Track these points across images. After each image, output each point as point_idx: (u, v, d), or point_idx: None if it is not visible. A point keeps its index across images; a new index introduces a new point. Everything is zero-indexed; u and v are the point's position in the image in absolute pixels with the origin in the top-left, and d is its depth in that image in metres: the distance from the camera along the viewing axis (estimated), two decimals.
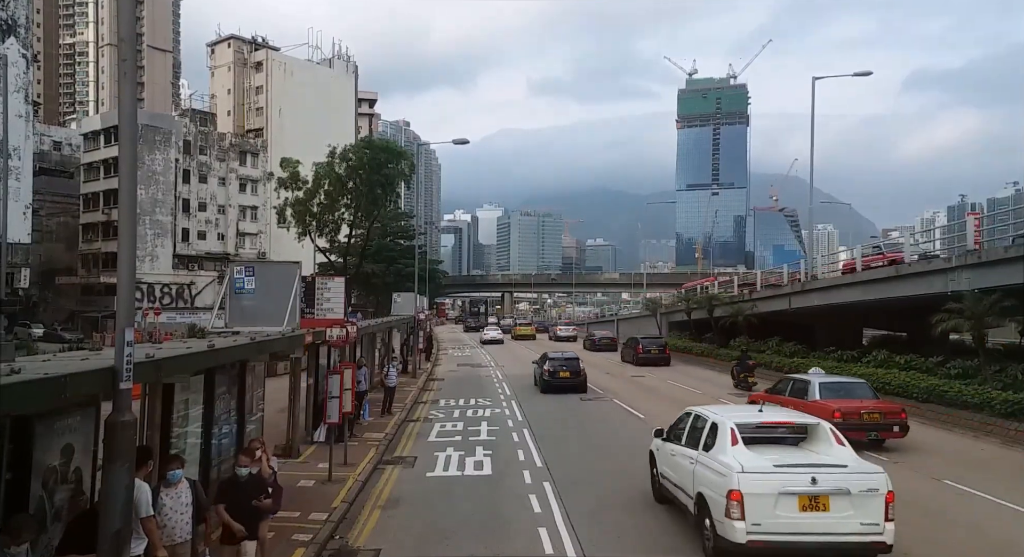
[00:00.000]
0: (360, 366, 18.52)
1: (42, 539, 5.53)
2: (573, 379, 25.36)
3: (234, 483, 7.66)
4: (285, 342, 11.83)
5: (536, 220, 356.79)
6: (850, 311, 28.11)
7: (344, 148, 41.23)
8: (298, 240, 43.38)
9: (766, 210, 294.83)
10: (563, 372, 25.44)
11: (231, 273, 13.31)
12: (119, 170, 6.22)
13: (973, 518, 10.36)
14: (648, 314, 53.84)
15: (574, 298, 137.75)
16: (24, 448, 5.43)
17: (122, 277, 5.90)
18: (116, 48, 22.08)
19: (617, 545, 9.19)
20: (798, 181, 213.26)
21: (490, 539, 9.40)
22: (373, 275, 57.12)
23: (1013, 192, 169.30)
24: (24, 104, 44.58)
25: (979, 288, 19.17)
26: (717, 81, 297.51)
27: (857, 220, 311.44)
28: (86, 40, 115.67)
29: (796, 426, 9.54)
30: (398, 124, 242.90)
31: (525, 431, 17.40)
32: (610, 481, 12.43)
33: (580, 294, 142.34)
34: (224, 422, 9.79)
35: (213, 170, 71.51)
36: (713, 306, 37.44)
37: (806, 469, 7.93)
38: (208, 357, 8.20)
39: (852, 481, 7.86)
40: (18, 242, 44.93)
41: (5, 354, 7.71)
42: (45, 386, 4.95)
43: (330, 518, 10.09)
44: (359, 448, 14.97)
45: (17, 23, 43.24)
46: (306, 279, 16.04)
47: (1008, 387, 17.66)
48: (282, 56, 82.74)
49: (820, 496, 7.73)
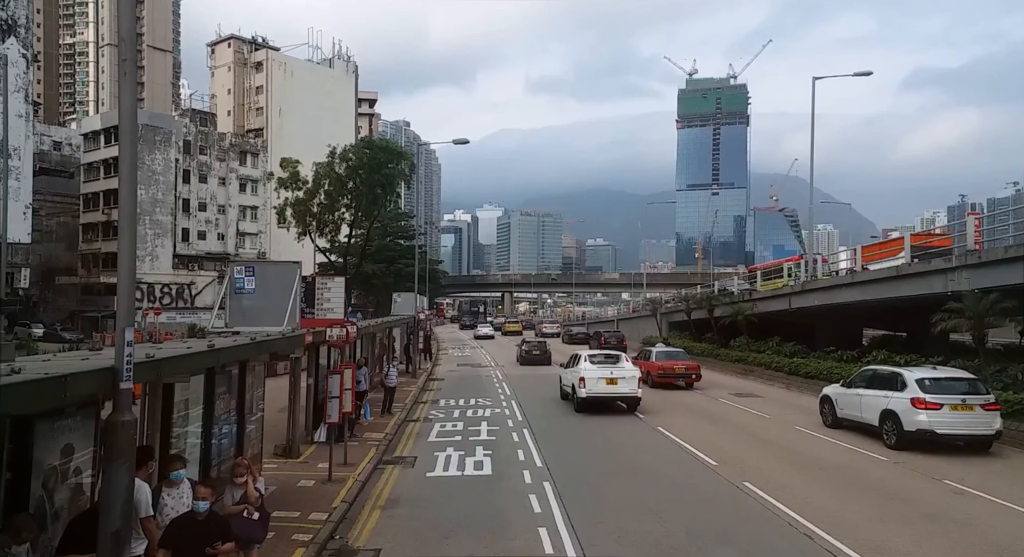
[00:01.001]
0: (360, 366, 18.52)
1: (42, 539, 5.52)
2: (541, 356, 36.80)
3: (188, 522, 6.24)
4: (285, 342, 11.82)
5: (536, 220, 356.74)
6: (850, 311, 28.11)
7: (344, 148, 41.24)
8: (298, 240, 43.39)
9: (766, 210, 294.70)
10: (535, 351, 37.24)
11: (231, 273, 13.30)
12: (119, 170, 6.23)
13: (972, 518, 10.36)
14: (648, 314, 53.85)
15: (574, 298, 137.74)
16: (24, 448, 5.43)
17: (122, 277, 5.90)
18: (116, 48, 22.10)
19: (617, 545, 9.19)
20: (798, 181, 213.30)
21: (490, 539, 9.40)
22: (373, 275, 57.11)
23: (1013, 192, 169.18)
24: (24, 104, 44.56)
25: (979, 288, 19.18)
26: (717, 81, 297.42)
27: (857, 220, 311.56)
28: (86, 40, 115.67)
29: (613, 356, 22.53)
30: (398, 124, 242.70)
31: (525, 431, 17.41)
32: (609, 480, 12.44)
33: (580, 294, 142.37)
34: (224, 422, 9.78)
35: (213, 170, 71.52)
36: (713, 306, 37.44)
37: (611, 369, 20.66)
38: (208, 357, 8.18)
39: (625, 374, 20.37)
40: (18, 242, 44.92)
41: (5, 354, 7.69)
42: (45, 386, 4.94)
43: (330, 518, 10.09)
44: (359, 448, 14.98)
45: (17, 23, 43.22)
46: (306, 279, 16.02)
47: (1008, 387, 17.67)
48: (282, 56, 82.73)
49: (614, 377, 20.22)
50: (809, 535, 9.43)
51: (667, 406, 21.82)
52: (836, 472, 13.18)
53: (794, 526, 9.83)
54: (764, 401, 22.98)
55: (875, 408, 15.96)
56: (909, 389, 15.11)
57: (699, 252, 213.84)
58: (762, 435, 17.05)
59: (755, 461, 14.04)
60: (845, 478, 12.69)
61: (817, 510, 10.50)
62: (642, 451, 15.20)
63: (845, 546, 8.94)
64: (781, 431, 17.59)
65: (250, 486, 7.49)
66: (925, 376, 15.39)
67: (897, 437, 15.08)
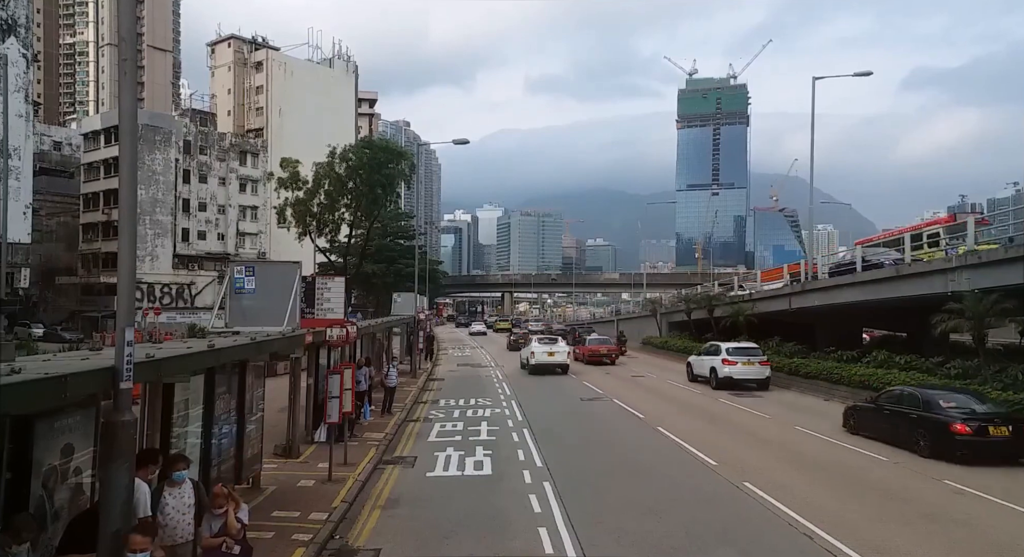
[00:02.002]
0: (361, 366, 18.51)
1: (43, 538, 5.52)
2: (524, 343, 40.83)
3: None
4: (285, 342, 11.83)
5: (536, 220, 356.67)
6: (850, 311, 28.10)
7: (344, 148, 41.21)
8: (298, 240, 43.38)
9: (766, 210, 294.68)
10: (520, 341, 44.93)
11: (231, 273, 13.31)
12: (119, 170, 6.23)
13: (972, 518, 10.36)
14: (648, 314, 53.83)
15: (574, 298, 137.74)
16: (24, 448, 5.43)
17: (122, 277, 5.91)
18: (116, 48, 22.09)
19: (617, 545, 9.19)
20: (798, 181, 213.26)
21: (490, 539, 9.40)
22: (373, 275, 57.11)
23: (1013, 192, 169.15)
24: (24, 104, 44.51)
25: (979, 288, 19.16)
26: (717, 81, 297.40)
27: (857, 220, 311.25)
28: (86, 40, 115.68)
29: (553, 339, 34.92)
30: (398, 124, 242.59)
31: (525, 431, 17.41)
32: (609, 479, 12.44)
33: (580, 294, 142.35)
34: (224, 422, 9.78)
35: (213, 170, 71.52)
36: (713, 306, 37.42)
37: (550, 347, 32.17)
38: (208, 357, 8.19)
39: (560, 350, 32.08)
40: (18, 242, 44.87)
41: (5, 354, 7.70)
42: (46, 386, 4.95)
43: (330, 518, 10.09)
44: (359, 448, 14.98)
45: (17, 23, 43.20)
46: (306, 279, 16.05)
47: (1008, 387, 17.65)
48: (282, 56, 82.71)
49: (552, 352, 31.64)
50: (809, 535, 9.43)
51: (667, 406, 21.84)
52: (836, 472, 13.18)
53: (794, 526, 9.83)
54: (764, 401, 22.98)
55: (707, 366, 27.14)
56: (722, 354, 26.24)
57: (699, 252, 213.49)
58: (762, 435, 17.05)
59: (755, 461, 14.04)
60: (845, 478, 12.70)
61: (817, 510, 10.50)
62: (642, 451, 15.21)
63: (845, 546, 8.95)
64: (781, 431, 17.59)
65: (231, 516, 6.78)
66: (730, 346, 26.78)
67: (716, 381, 26.06)
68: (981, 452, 13.60)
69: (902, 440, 15.17)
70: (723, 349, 26.49)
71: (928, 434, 14.42)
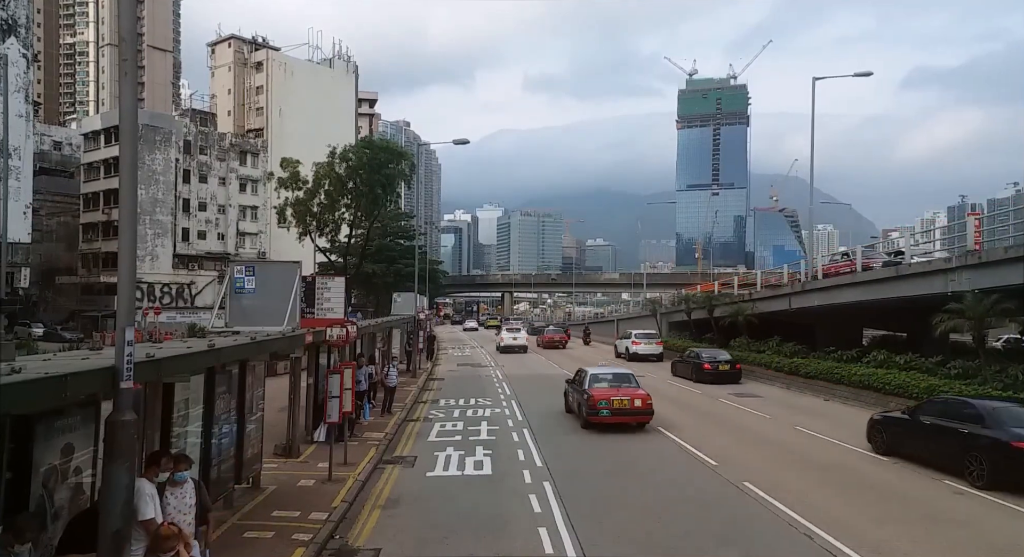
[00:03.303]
0: (361, 365, 18.50)
1: (43, 538, 5.53)
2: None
3: None
4: (285, 342, 11.83)
5: (536, 220, 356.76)
6: (850, 311, 28.10)
7: (344, 148, 41.27)
8: (298, 240, 43.44)
9: (766, 210, 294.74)
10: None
11: (231, 273, 13.30)
12: (119, 170, 6.24)
13: (972, 518, 10.36)
14: (648, 314, 53.83)
15: (574, 298, 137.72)
16: (24, 448, 5.43)
17: (122, 277, 5.91)
18: (116, 48, 22.05)
19: (617, 545, 9.19)
20: (798, 181, 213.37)
21: (490, 539, 9.40)
22: (373, 275, 57.14)
23: (1013, 193, 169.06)
24: (24, 104, 44.59)
25: (979, 288, 19.16)
26: (717, 81, 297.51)
27: (857, 220, 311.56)
28: (86, 40, 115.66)
29: (517, 328, 50.48)
30: (398, 124, 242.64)
31: (525, 431, 17.41)
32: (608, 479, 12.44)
33: (580, 294, 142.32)
34: (224, 422, 9.79)
35: (213, 170, 71.55)
36: (713, 306, 37.42)
37: (515, 334, 47.33)
38: (208, 357, 8.18)
39: (521, 336, 47.06)
40: (18, 242, 44.90)
41: (5, 353, 7.70)
42: (46, 385, 4.95)
43: (330, 518, 10.09)
44: (359, 448, 14.98)
45: (17, 23, 43.24)
46: (306, 279, 16.02)
47: (1008, 387, 17.65)
48: (282, 56, 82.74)
49: (516, 337, 46.63)
50: (809, 535, 9.43)
51: (667, 406, 21.83)
52: (836, 472, 13.17)
53: (794, 526, 9.83)
54: (764, 401, 22.98)
55: (623, 346, 39.83)
56: (632, 337, 39.42)
57: (699, 252, 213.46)
58: (762, 435, 17.05)
59: (755, 461, 14.04)
60: (845, 478, 12.69)
61: (817, 510, 10.50)
62: (642, 451, 15.20)
63: (845, 546, 8.94)
64: (781, 431, 17.59)
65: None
66: (637, 332, 40.53)
67: (627, 357, 37.56)
68: None
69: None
70: (632, 334, 40.32)
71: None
